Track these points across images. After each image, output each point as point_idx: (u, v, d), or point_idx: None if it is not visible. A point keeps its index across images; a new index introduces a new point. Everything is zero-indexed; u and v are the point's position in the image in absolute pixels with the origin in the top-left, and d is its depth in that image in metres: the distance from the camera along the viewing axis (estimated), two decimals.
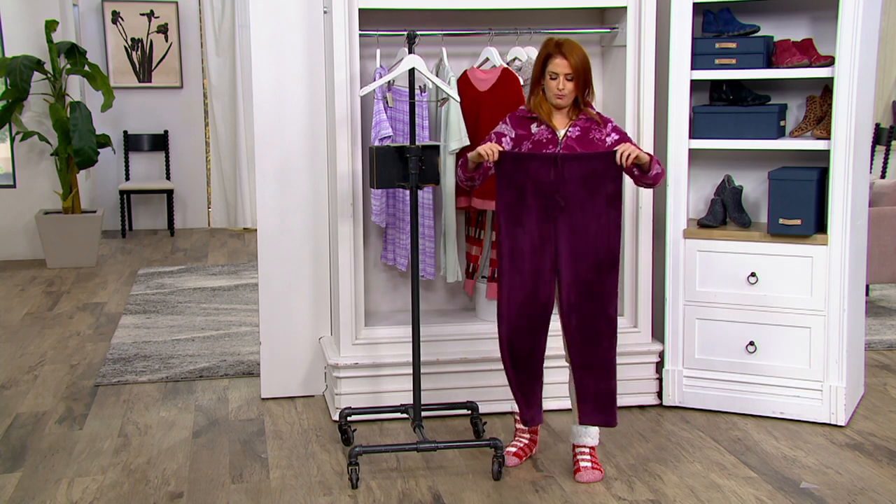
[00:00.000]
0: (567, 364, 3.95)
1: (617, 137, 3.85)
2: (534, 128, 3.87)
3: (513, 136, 3.88)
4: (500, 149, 3.77)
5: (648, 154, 3.75)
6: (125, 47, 10.10)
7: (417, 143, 4.07)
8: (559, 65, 3.75)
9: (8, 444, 4.34)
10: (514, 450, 4.07)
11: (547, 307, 3.84)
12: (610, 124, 3.88)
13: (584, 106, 3.85)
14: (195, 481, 3.94)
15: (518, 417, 4.06)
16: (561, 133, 3.84)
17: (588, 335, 3.82)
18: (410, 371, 4.33)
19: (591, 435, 3.96)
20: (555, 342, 4.11)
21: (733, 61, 4.49)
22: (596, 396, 3.86)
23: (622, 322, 4.69)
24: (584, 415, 3.89)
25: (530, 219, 3.79)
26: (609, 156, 3.75)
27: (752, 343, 4.56)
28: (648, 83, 4.56)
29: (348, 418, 4.33)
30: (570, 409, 4.06)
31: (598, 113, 3.90)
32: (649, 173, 3.78)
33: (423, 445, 3.92)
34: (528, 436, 4.12)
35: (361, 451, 3.91)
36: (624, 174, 3.80)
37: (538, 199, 3.78)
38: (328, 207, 4.82)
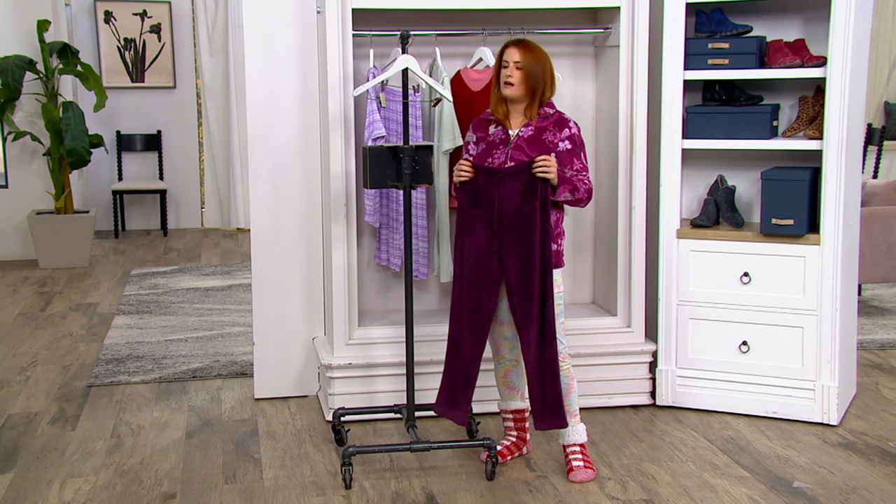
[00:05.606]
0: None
1: (569, 147, 3.84)
2: (491, 129, 3.92)
3: (474, 140, 3.96)
4: (467, 164, 3.83)
5: (562, 179, 3.74)
6: (118, 47, 10.08)
7: (411, 143, 4.07)
8: (510, 54, 3.82)
9: (0, 445, 4.33)
10: (499, 448, 4.07)
11: (487, 316, 3.86)
12: (568, 130, 3.85)
13: (537, 105, 3.84)
14: (188, 482, 3.94)
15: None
16: (513, 133, 3.86)
17: (539, 340, 3.80)
18: (404, 371, 4.33)
19: (578, 432, 3.95)
20: None
21: (726, 61, 4.49)
22: (547, 399, 3.83)
23: (615, 322, 4.71)
24: (540, 419, 3.85)
25: (478, 228, 3.83)
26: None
27: (744, 343, 4.57)
28: (641, 83, 4.56)
29: (342, 418, 4.33)
30: None
31: (558, 113, 3.89)
32: (559, 196, 3.79)
33: (416, 446, 3.92)
34: (514, 433, 4.12)
35: (355, 452, 3.91)
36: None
37: (485, 210, 3.81)
38: (321, 207, 4.82)
